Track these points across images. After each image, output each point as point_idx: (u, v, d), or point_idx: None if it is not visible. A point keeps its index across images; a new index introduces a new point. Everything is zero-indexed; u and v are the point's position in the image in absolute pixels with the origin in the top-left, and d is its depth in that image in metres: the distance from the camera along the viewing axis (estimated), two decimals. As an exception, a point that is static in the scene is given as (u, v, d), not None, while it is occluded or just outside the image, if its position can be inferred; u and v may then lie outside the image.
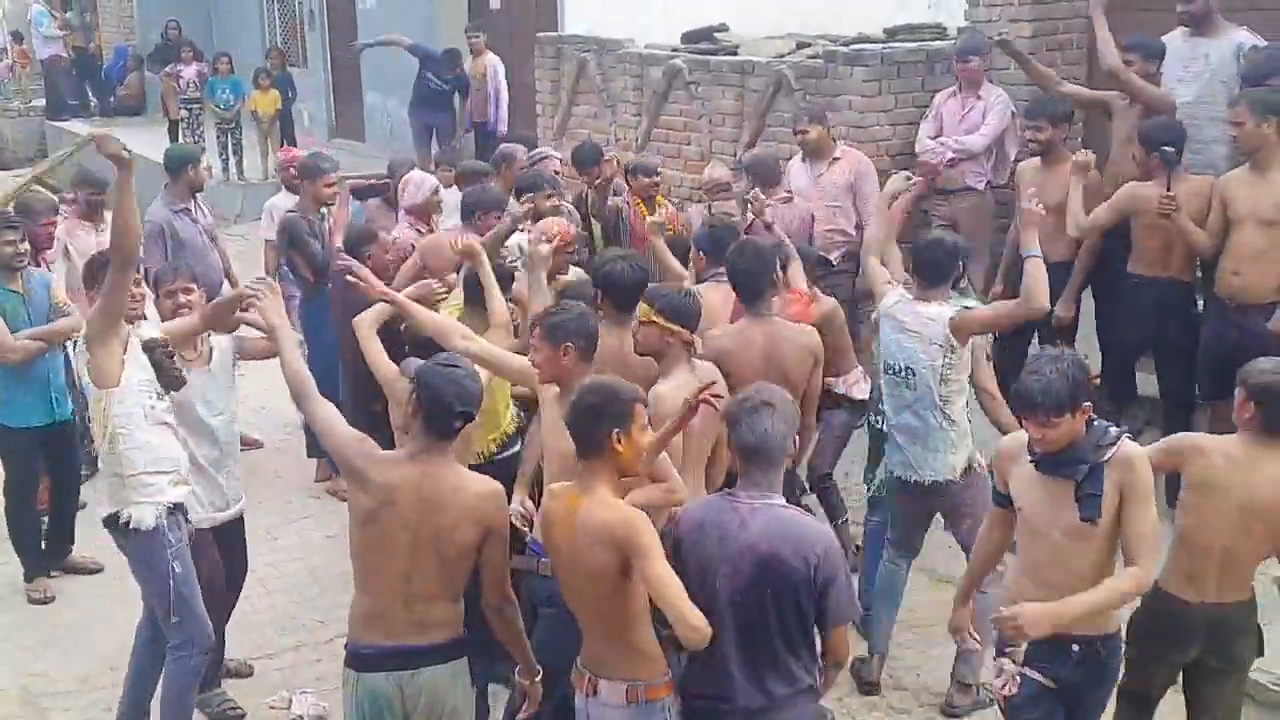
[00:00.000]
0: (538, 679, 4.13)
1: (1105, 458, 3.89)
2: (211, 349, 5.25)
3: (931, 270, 5.21)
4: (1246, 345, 5.83)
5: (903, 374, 5.18)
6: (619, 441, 3.72)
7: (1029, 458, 4.02)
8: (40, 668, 5.96)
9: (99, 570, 6.76)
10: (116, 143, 4.54)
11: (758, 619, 3.70)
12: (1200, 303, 6.47)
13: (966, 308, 5.23)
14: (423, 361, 4.19)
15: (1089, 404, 3.92)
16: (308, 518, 7.35)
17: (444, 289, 5.69)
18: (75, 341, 6.69)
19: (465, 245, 5.53)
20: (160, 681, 5.00)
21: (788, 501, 3.88)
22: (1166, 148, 6.28)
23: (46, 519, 6.82)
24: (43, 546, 6.77)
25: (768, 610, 3.68)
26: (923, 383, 5.14)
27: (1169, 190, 6.12)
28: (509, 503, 4.43)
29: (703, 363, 4.79)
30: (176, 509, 4.86)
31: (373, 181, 8.14)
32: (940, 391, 5.11)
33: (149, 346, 4.80)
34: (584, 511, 3.71)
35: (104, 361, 4.70)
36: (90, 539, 7.07)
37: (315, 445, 7.28)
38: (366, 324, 5.02)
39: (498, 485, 4.01)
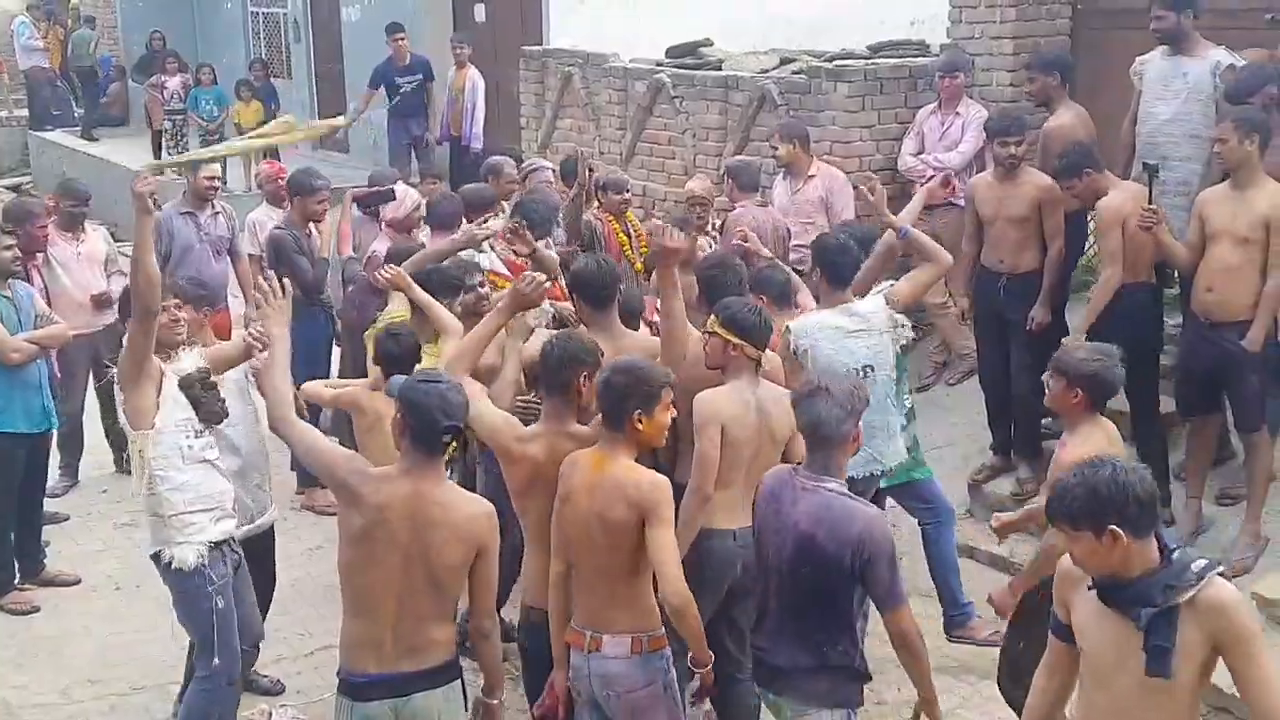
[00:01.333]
0: (497, 701, 4.09)
1: (1179, 599, 3.02)
2: None
3: (833, 272, 5.40)
4: (1221, 362, 5.92)
5: (860, 374, 5.16)
6: (640, 421, 4.01)
7: (1089, 584, 3.21)
8: (22, 680, 5.93)
9: (77, 583, 6.75)
10: (148, 185, 4.49)
11: (797, 592, 3.89)
12: (1166, 314, 6.59)
13: (891, 284, 5.47)
14: (405, 379, 4.15)
15: (1130, 528, 3.03)
16: (288, 531, 7.33)
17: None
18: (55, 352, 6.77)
19: (394, 276, 5.47)
20: (183, 704, 4.97)
21: None
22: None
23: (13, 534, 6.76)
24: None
25: (804, 586, 3.86)
26: (883, 375, 5.25)
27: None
28: None
29: (767, 382, 4.68)
30: (220, 545, 4.80)
31: (378, 190, 8.08)
32: (894, 377, 5.29)
33: (187, 383, 4.74)
34: (609, 471, 4.00)
35: (138, 403, 4.65)
36: (68, 552, 7.09)
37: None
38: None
39: (488, 505, 3.97)
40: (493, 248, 6.40)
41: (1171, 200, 6.71)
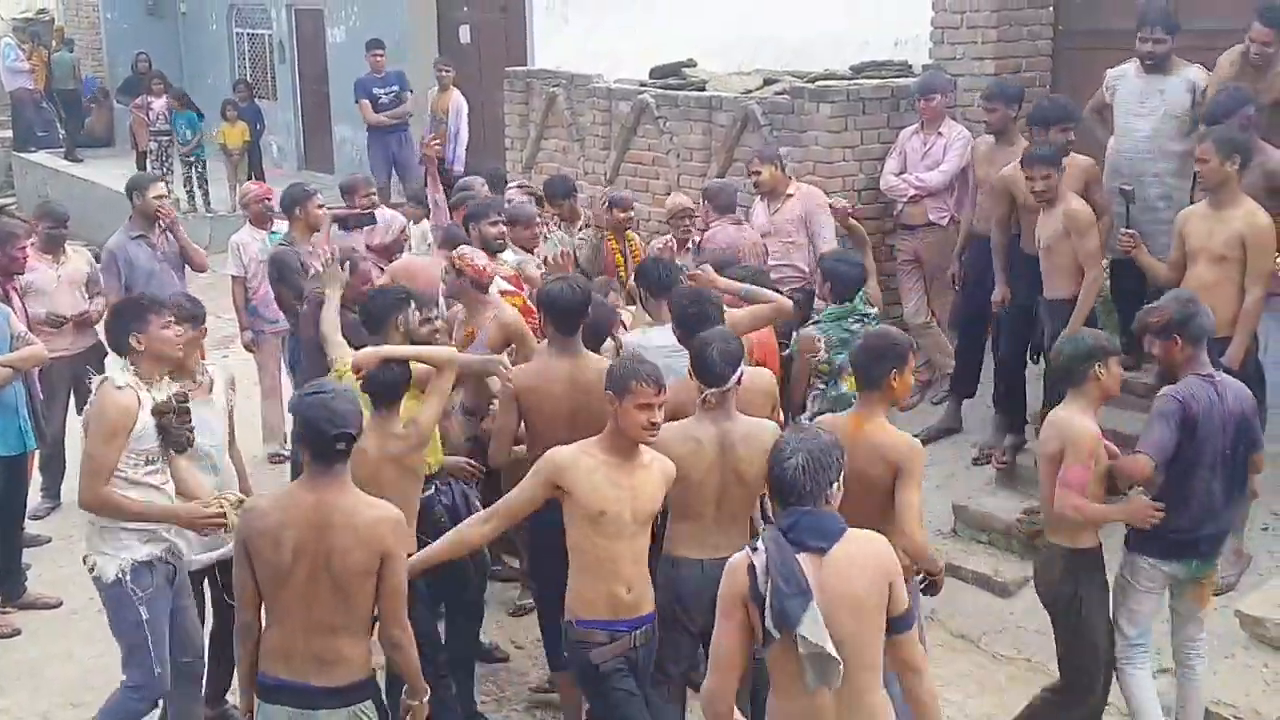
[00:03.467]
0: (426, 699, 4.13)
1: None
2: (212, 380, 5.33)
3: (657, 288, 5.47)
4: None
5: None
6: (895, 379, 4.47)
7: None
8: (2, 704, 5.90)
9: (59, 605, 6.71)
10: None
11: (1233, 465, 4.82)
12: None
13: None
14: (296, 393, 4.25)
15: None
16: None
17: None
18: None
19: (366, 358, 4.93)
20: (103, 709, 4.97)
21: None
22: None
23: None
24: None
25: (1238, 457, 4.85)
26: None
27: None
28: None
29: (742, 416, 4.60)
30: (148, 563, 4.81)
31: (358, 210, 8.01)
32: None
33: (159, 411, 4.77)
34: (867, 432, 4.43)
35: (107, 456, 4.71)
36: (49, 575, 7.04)
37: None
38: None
39: (396, 511, 4.01)
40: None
41: (1153, 216, 6.76)
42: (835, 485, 3.60)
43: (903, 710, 3.72)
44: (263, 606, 4.04)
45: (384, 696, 4.18)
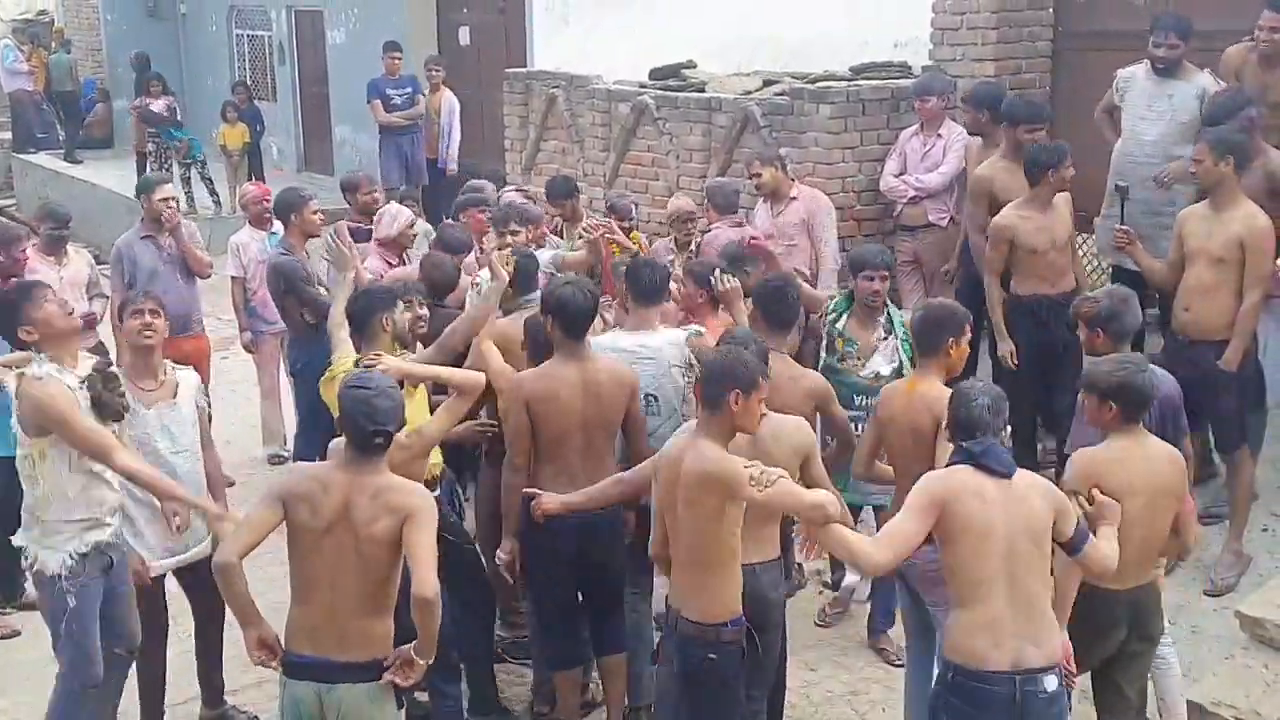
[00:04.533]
0: (428, 662, 4.15)
1: None
2: (177, 383, 5.22)
3: (638, 290, 5.42)
4: (1199, 380, 5.92)
5: (644, 402, 5.20)
6: (952, 348, 4.82)
7: None
8: (2, 705, 5.90)
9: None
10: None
11: None
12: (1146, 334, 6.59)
13: (700, 332, 5.42)
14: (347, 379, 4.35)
15: None
16: (269, 553, 7.25)
17: None
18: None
19: (393, 369, 4.84)
20: (49, 705, 4.98)
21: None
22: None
23: None
24: None
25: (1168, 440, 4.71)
26: (667, 406, 5.25)
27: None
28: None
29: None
30: (90, 552, 4.81)
31: (361, 225, 7.87)
32: (684, 411, 5.19)
33: (90, 382, 4.74)
34: (919, 389, 4.84)
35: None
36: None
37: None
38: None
39: (424, 490, 4.20)
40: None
41: (1156, 220, 6.76)
42: (1005, 432, 4.14)
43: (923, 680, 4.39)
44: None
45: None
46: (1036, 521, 3.94)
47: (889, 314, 5.89)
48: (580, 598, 5.22)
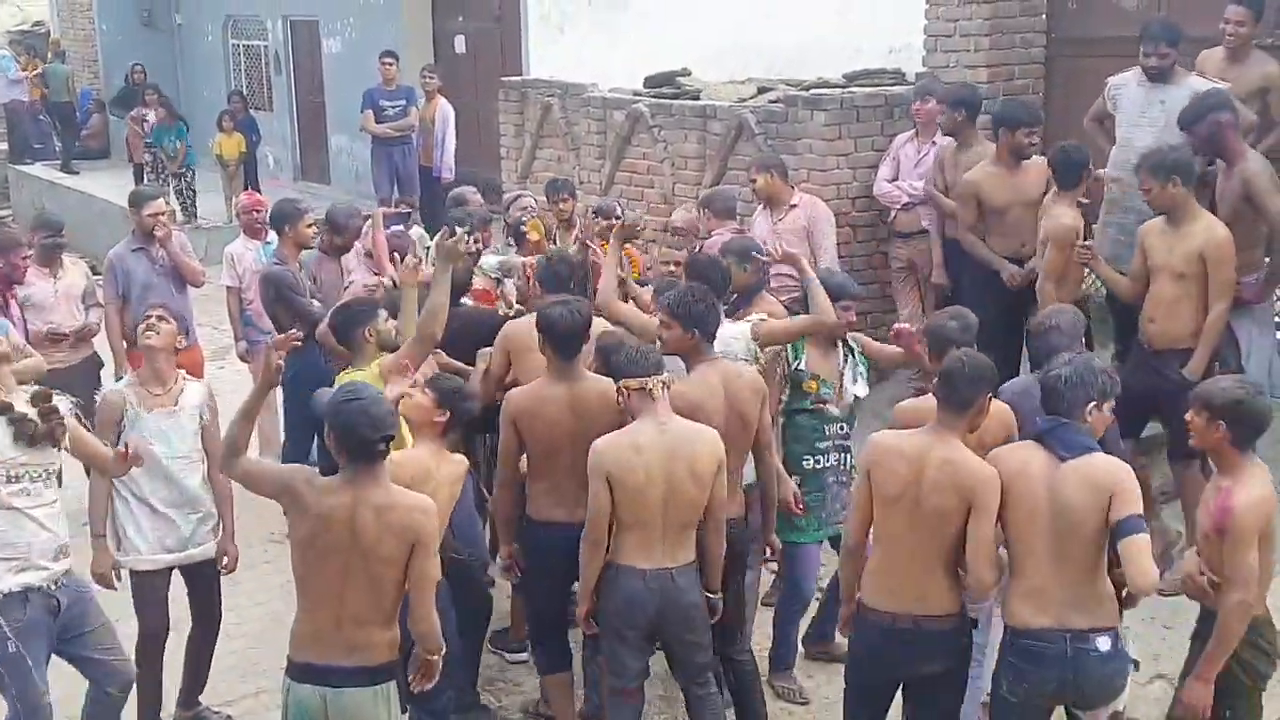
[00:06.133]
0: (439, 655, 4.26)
1: None
2: (182, 390, 5.28)
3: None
4: (1160, 389, 5.97)
5: None
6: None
7: None
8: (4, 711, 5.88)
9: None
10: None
11: None
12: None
13: (762, 319, 5.49)
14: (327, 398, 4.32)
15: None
16: (268, 563, 7.29)
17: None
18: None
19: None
20: None
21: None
22: (1083, 200, 6.53)
23: None
24: None
25: None
26: None
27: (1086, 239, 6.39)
28: None
29: (679, 420, 4.69)
30: (20, 594, 4.63)
31: (400, 209, 8.00)
32: None
33: (3, 409, 4.59)
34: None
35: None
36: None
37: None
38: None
39: (428, 501, 4.17)
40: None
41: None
42: (1094, 405, 4.17)
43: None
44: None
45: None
46: (1077, 508, 4.06)
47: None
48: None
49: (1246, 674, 4.28)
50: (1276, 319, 6.86)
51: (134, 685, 5.08)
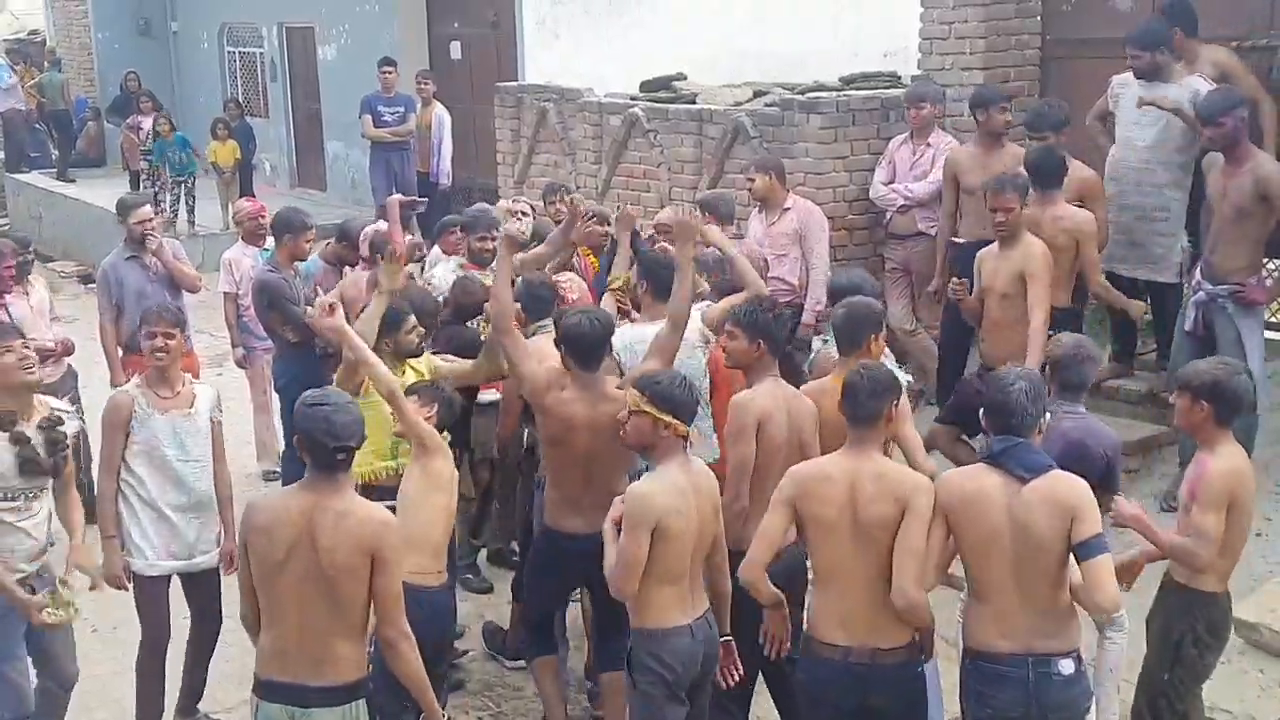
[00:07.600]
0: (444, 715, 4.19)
1: None
2: (195, 395, 5.27)
3: (656, 286, 5.49)
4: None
5: None
6: (873, 343, 4.86)
7: None
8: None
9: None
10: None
11: None
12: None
13: (709, 305, 5.65)
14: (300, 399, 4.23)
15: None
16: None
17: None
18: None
19: (337, 328, 5.01)
20: None
21: None
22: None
23: None
24: None
25: None
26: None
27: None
28: None
29: (697, 460, 4.54)
30: None
31: (415, 200, 7.95)
32: (704, 384, 5.41)
33: (15, 440, 4.66)
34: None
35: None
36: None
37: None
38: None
39: (386, 513, 4.11)
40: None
41: (1150, 227, 6.78)
42: (1043, 420, 4.09)
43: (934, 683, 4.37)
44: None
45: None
46: (1041, 531, 3.93)
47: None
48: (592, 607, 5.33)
49: (1195, 647, 4.48)
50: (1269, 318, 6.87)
51: (74, 685, 5.15)
